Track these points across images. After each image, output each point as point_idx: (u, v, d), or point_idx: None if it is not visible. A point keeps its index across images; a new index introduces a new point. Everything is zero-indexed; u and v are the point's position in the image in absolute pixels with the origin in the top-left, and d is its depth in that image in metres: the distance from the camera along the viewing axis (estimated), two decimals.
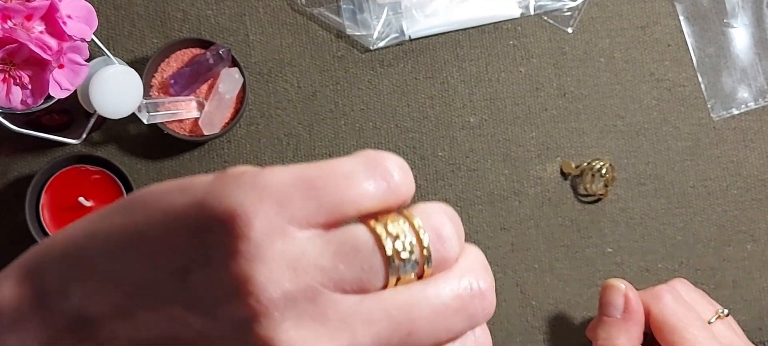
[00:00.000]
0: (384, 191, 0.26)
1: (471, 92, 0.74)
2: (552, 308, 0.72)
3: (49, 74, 0.58)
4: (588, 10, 0.75)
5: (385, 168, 0.27)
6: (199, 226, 0.25)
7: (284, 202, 0.25)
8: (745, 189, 0.73)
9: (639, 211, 0.73)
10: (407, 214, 0.27)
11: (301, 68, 0.73)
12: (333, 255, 0.25)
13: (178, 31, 0.73)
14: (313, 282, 0.24)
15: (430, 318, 0.26)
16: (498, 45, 0.74)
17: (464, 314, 0.26)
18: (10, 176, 0.70)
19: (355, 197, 0.26)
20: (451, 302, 0.26)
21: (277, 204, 0.25)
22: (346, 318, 0.25)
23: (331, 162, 0.26)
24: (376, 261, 0.25)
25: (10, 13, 0.56)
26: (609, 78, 0.74)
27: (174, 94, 0.69)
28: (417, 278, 0.26)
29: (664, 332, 0.59)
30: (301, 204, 0.25)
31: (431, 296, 0.26)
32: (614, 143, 0.74)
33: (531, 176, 0.73)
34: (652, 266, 0.72)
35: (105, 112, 0.64)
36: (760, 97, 0.75)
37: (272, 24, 0.74)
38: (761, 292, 0.73)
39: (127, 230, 0.27)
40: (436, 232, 0.26)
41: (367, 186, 0.26)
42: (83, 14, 0.60)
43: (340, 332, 0.24)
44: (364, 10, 0.73)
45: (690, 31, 0.75)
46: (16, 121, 0.63)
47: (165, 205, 0.26)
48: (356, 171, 0.26)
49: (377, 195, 0.26)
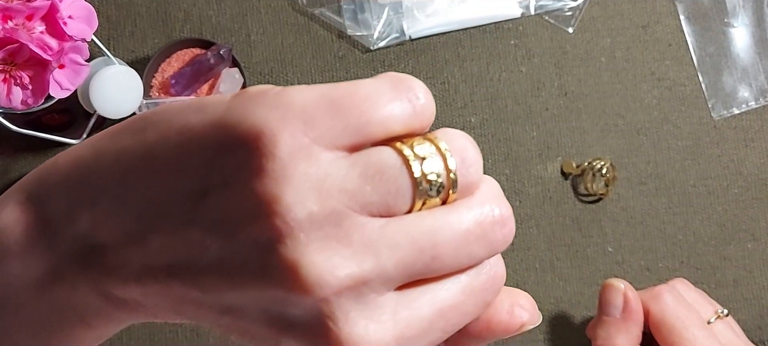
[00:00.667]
0: (410, 113, 0.25)
1: (472, 92, 0.74)
2: (553, 307, 0.72)
3: (50, 74, 0.58)
4: (589, 9, 0.75)
5: (411, 89, 0.26)
6: (219, 145, 0.24)
7: (309, 121, 0.24)
8: (745, 188, 0.73)
9: (640, 210, 0.73)
10: (432, 137, 0.26)
11: (302, 68, 0.73)
12: (359, 177, 0.24)
13: (180, 31, 0.73)
14: (338, 205, 0.24)
15: (453, 244, 0.25)
16: (499, 45, 0.74)
17: (485, 241, 0.26)
18: (11, 175, 0.70)
19: (382, 118, 0.25)
20: (473, 228, 0.26)
21: (302, 123, 0.24)
22: (371, 242, 0.24)
23: (356, 83, 0.25)
24: (403, 183, 0.25)
25: (11, 14, 0.57)
26: (610, 77, 0.74)
27: (175, 94, 0.69)
28: (441, 202, 0.26)
29: (663, 332, 0.59)
30: (326, 124, 0.24)
31: (455, 222, 0.25)
32: (615, 142, 0.74)
33: (532, 175, 0.73)
34: (652, 265, 0.72)
35: (105, 112, 0.64)
36: (761, 96, 0.75)
37: (273, 24, 0.74)
38: (761, 290, 0.73)
39: (139, 150, 0.26)
40: (462, 156, 0.26)
41: (393, 107, 0.25)
42: (84, 15, 0.60)
43: (365, 256, 0.24)
44: (365, 10, 0.73)
45: (691, 30, 0.75)
46: (16, 121, 0.63)
47: (180, 123, 0.25)
48: (382, 92, 0.25)
49: (403, 117, 0.25)
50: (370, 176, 0.24)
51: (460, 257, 0.26)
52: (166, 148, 0.25)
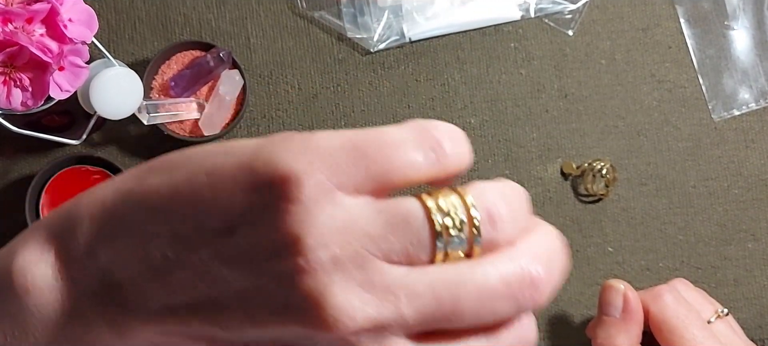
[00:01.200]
0: (432, 162, 0.26)
1: (472, 94, 0.74)
2: (553, 306, 0.71)
3: (50, 76, 0.58)
4: (589, 12, 0.75)
5: (434, 138, 0.26)
6: (247, 186, 0.25)
7: (334, 167, 0.25)
8: (746, 189, 0.73)
9: (640, 211, 0.73)
10: (461, 190, 0.26)
11: (302, 71, 0.73)
12: (383, 225, 0.25)
13: (179, 35, 0.73)
14: (361, 249, 0.24)
15: (475, 299, 0.25)
16: (499, 47, 0.74)
17: (511, 300, 0.26)
18: (11, 176, 0.70)
19: (402, 167, 0.26)
20: (497, 286, 0.25)
21: (327, 169, 0.25)
22: (392, 288, 0.25)
23: (380, 130, 0.26)
24: (424, 235, 0.25)
25: (11, 17, 0.57)
26: (610, 80, 0.74)
27: (174, 96, 0.69)
28: (466, 255, 0.26)
29: (663, 332, 0.58)
30: (349, 170, 0.25)
31: (478, 277, 0.25)
32: (616, 144, 0.73)
33: (532, 176, 0.73)
34: (653, 265, 0.72)
35: (105, 114, 0.65)
36: (761, 98, 0.74)
37: (273, 27, 0.74)
38: (762, 290, 0.72)
39: (166, 189, 0.26)
40: (489, 211, 0.26)
41: (415, 156, 0.26)
42: (84, 17, 0.60)
43: (385, 301, 0.24)
44: (365, 13, 0.73)
45: (691, 33, 0.75)
46: (16, 122, 0.63)
47: (209, 164, 0.26)
48: (405, 140, 0.26)
49: (424, 166, 0.26)
50: (393, 225, 0.25)
51: (483, 313, 0.26)
52: (194, 187, 0.26)
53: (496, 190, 0.26)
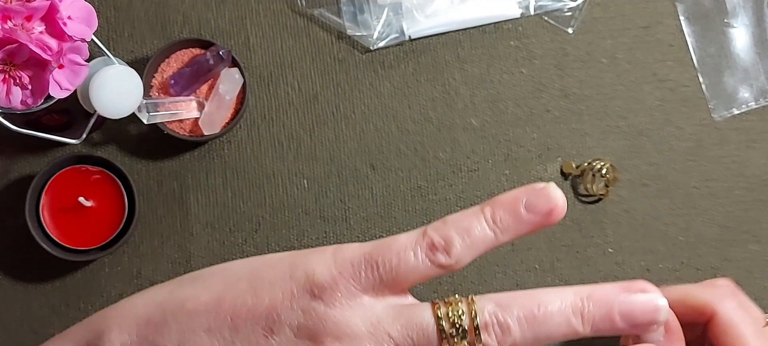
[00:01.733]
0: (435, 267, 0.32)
1: (473, 94, 0.73)
2: None
3: (49, 74, 0.58)
4: (590, 11, 0.75)
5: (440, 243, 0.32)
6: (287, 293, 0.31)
7: (355, 275, 0.32)
8: (748, 189, 0.73)
9: (641, 211, 0.72)
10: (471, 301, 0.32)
11: (301, 71, 0.73)
12: (402, 326, 0.31)
13: (178, 34, 0.73)
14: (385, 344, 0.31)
15: None
16: (499, 46, 0.74)
17: None
18: (11, 176, 0.70)
19: (405, 272, 0.32)
20: None
21: (352, 278, 0.32)
22: None
23: (391, 240, 0.33)
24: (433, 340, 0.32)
25: (11, 14, 0.56)
26: (612, 79, 0.74)
27: (174, 94, 0.69)
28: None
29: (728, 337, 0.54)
30: (367, 276, 0.32)
31: None
32: (617, 144, 0.73)
33: (532, 176, 0.72)
34: (653, 266, 0.72)
35: (105, 112, 0.64)
36: (761, 96, 0.74)
37: (273, 27, 0.73)
38: (764, 292, 0.72)
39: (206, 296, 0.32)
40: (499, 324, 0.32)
41: (417, 264, 0.32)
42: (83, 15, 0.60)
43: None
44: (365, 11, 0.73)
45: (690, 31, 0.75)
46: (16, 121, 0.63)
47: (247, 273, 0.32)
48: (409, 247, 0.32)
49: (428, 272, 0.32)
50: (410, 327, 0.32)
51: None
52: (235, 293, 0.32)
53: (528, 306, 0.32)
